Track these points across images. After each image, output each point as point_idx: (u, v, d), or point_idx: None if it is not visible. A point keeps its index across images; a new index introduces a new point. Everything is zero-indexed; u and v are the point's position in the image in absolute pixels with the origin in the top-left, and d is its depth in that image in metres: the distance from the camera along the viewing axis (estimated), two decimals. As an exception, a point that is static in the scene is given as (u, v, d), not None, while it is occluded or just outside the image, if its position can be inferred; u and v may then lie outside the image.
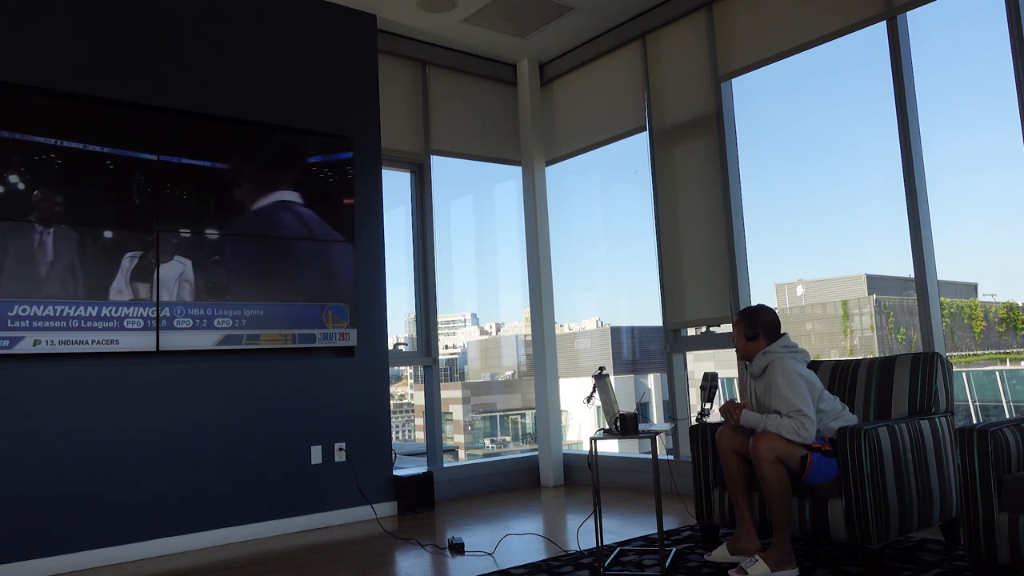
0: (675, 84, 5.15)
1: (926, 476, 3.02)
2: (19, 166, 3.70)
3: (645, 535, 3.77)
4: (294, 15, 4.73)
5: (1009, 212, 4.05)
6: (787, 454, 2.93)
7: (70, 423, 3.76)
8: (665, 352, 5.11)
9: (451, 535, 3.98)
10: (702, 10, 4.95)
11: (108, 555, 3.78)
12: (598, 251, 6.43)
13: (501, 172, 6.15)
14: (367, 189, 4.88)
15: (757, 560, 2.90)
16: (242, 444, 4.23)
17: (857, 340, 6.40)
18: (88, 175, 3.87)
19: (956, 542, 3.22)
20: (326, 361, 4.60)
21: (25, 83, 3.80)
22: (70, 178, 3.82)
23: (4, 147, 3.66)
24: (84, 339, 3.76)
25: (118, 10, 4.14)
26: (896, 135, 4.01)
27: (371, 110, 4.98)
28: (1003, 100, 3.67)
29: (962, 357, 5.70)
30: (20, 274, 3.64)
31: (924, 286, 3.90)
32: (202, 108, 4.31)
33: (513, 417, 7.12)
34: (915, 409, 3.22)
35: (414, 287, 5.45)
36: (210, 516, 4.09)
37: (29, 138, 3.73)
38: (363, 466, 4.62)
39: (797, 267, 5.80)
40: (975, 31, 4.15)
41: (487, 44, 5.62)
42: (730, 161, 4.78)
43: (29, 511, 3.61)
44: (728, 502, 3.32)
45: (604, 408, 3.25)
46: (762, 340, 3.20)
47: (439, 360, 5.40)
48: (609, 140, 5.64)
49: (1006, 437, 2.60)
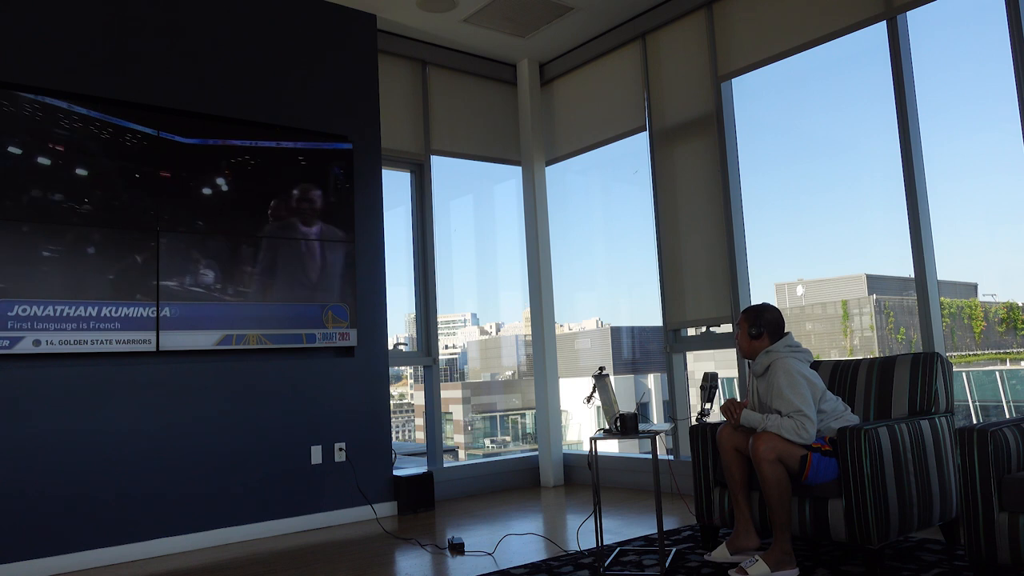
0: (675, 84, 5.15)
1: (926, 476, 3.02)
2: (19, 165, 3.70)
3: (645, 535, 3.77)
4: (294, 15, 4.73)
5: (1009, 212, 4.05)
6: (787, 454, 2.93)
7: (70, 423, 3.76)
8: (665, 352, 5.11)
9: (451, 535, 3.98)
10: (702, 10, 4.95)
11: (108, 555, 3.78)
12: (598, 251, 6.43)
13: (501, 172, 6.15)
14: (367, 189, 4.88)
15: (757, 560, 2.90)
16: (242, 444, 4.23)
17: (857, 340, 6.40)
18: (88, 174, 3.87)
19: (956, 542, 3.22)
20: (326, 361, 4.60)
21: (25, 83, 3.80)
22: (70, 177, 3.82)
23: (4, 146, 3.66)
24: (84, 339, 3.76)
25: (118, 10, 4.14)
26: (896, 135, 4.01)
27: (371, 110, 4.98)
28: (1003, 100, 3.67)
29: (962, 357, 5.70)
30: (20, 274, 3.64)
31: (924, 286, 3.90)
32: (202, 108, 4.31)
33: (513, 417, 7.12)
34: (915, 409, 3.22)
35: (414, 287, 5.45)
36: (210, 516, 4.09)
37: (29, 137, 3.73)
38: (363, 466, 4.62)
39: (797, 267, 5.80)
40: (975, 31, 4.15)
41: (487, 44, 5.62)
42: (730, 161, 4.78)
43: (29, 511, 3.61)
44: (728, 502, 3.32)
45: (604, 408, 3.25)
46: (765, 339, 3.20)
47: (439, 360, 5.40)
48: (609, 140, 5.64)
49: (1006, 437, 2.60)
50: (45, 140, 3.78)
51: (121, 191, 3.96)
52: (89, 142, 3.90)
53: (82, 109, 3.89)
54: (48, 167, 3.77)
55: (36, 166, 3.74)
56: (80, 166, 3.86)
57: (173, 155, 4.13)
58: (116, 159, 3.96)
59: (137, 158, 4.02)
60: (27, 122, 3.74)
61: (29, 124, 3.74)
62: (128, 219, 3.96)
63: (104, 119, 3.95)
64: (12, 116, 3.70)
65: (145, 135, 4.06)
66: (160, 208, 4.06)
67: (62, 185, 3.80)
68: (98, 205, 3.88)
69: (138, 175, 4.02)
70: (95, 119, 3.93)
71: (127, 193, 3.97)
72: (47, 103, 3.81)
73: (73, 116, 3.87)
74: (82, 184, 3.85)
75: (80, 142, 3.87)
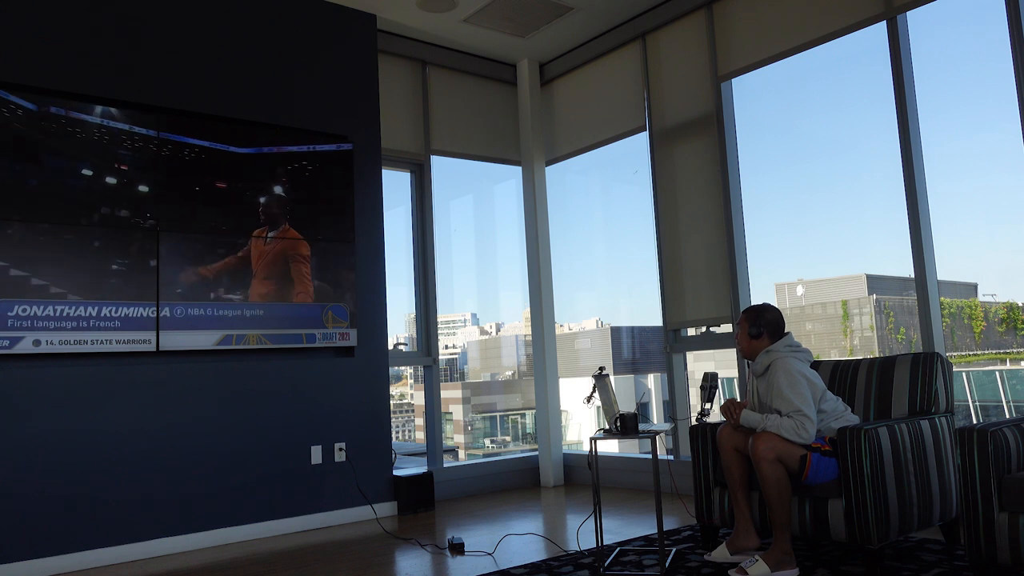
0: (675, 84, 5.15)
1: (926, 476, 3.02)
2: (19, 165, 3.70)
3: (645, 535, 3.77)
4: (294, 15, 4.73)
5: (1009, 212, 4.05)
6: (786, 454, 2.93)
7: (70, 423, 3.76)
8: (665, 352, 5.11)
9: (451, 535, 3.98)
10: (702, 10, 4.95)
11: (108, 555, 3.78)
12: (598, 251, 6.43)
13: (501, 172, 6.15)
14: (367, 189, 4.88)
15: (757, 560, 2.90)
16: (242, 444, 4.23)
17: (857, 340, 6.40)
18: (88, 174, 3.87)
19: (956, 542, 3.22)
20: (326, 361, 4.60)
21: (26, 83, 3.80)
22: (70, 177, 3.82)
23: (5, 146, 3.66)
24: (84, 339, 3.76)
25: (117, 10, 4.13)
26: (896, 135, 4.01)
27: (371, 110, 4.98)
28: (1003, 100, 3.67)
29: (962, 357, 5.70)
30: (20, 274, 3.64)
31: (924, 286, 3.90)
32: (202, 108, 4.31)
33: (513, 417, 7.12)
34: (915, 409, 3.22)
35: (414, 287, 5.45)
36: (210, 516, 4.09)
37: (29, 137, 3.73)
38: (363, 466, 4.62)
39: (797, 267, 5.80)
40: (975, 31, 4.15)
41: (487, 44, 5.62)
42: (730, 161, 4.78)
43: (29, 511, 3.61)
44: (728, 502, 3.32)
45: (604, 408, 3.25)
46: (766, 339, 3.20)
47: (439, 360, 5.40)
48: (609, 140, 5.64)
49: (1006, 437, 2.60)
50: (46, 139, 3.78)
51: (121, 190, 3.95)
52: (89, 142, 3.89)
53: (83, 116, 3.89)
54: (48, 167, 3.77)
55: (36, 165, 3.74)
56: (80, 165, 3.85)
57: (173, 155, 4.13)
58: (116, 159, 3.96)
59: (137, 158, 4.02)
60: (20, 123, 3.74)
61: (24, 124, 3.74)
62: (128, 219, 3.96)
63: (105, 124, 3.95)
64: (12, 114, 3.70)
65: (145, 135, 4.06)
66: (160, 207, 4.05)
67: (63, 185, 3.79)
68: (98, 204, 3.88)
69: (138, 175, 4.01)
70: (94, 124, 3.92)
71: (127, 192, 3.97)
72: (45, 102, 3.81)
73: (72, 117, 3.86)
74: (82, 183, 3.85)
75: (79, 142, 3.87)
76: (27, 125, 3.73)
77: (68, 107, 3.85)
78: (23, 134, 3.71)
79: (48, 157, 3.78)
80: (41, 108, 3.77)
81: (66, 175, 3.82)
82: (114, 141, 3.96)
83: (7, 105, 3.68)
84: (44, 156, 3.77)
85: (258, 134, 4.43)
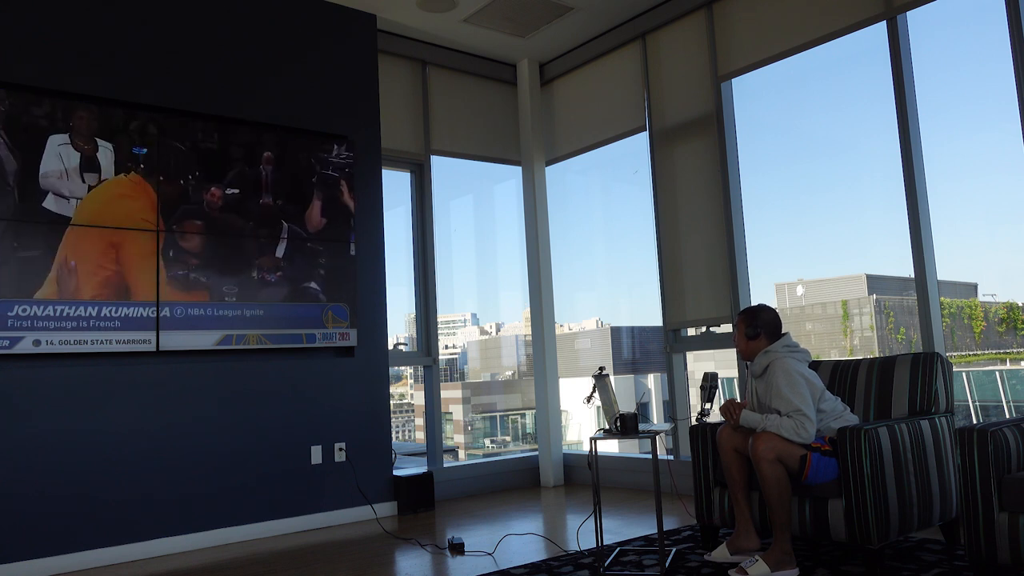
0: (675, 84, 5.15)
1: (926, 476, 3.02)
2: (19, 165, 3.70)
3: (645, 535, 3.77)
4: (294, 15, 4.73)
5: (1009, 212, 4.05)
6: (786, 454, 2.93)
7: (70, 423, 3.76)
8: (665, 352, 5.11)
9: (451, 535, 3.98)
10: (702, 10, 4.95)
11: (108, 555, 3.78)
12: (598, 251, 6.44)
13: (501, 172, 6.15)
14: (367, 189, 4.88)
15: (757, 560, 2.90)
16: (242, 444, 4.23)
17: (857, 340, 6.40)
18: (87, 173, 3.87)
19: (956, 542, 3.22)
20: (326, 361, 4.60)
21: (25, 83, 3.80)
22: (69, 177, 3.82)
23: (5, 146, 3.66)
24: (84, 339, 3.76)
25: (117, 9, 4.13)
26: (896, 135, 4.01)
27: (371, 110, 4.98)
28: (1003, 100, 3.67)
29: (962, 357, 5.70)
30: (20, 274, 3.64)
31: (924, 286, 3.90)
32: (202, 108, 4.31)
33: (513, 417, 7.12)
34: (915, 409, 3.22)
35: (414, 287, 5.45)
36: (210, 516, 4.09)
37: (28, 135, 3.73)
38: (363, 466, 4.62)
39: (797, 267, 5.81)
40: (975, 31, 4.15)
41: (487, 44, 5.62)
42: (730, 161, 4.78)
43: (29, 511, 3.61)
44: (728, 502, 3.32)
45: (604, 408, 3.25)
46: (763, 340, 3.20)
47: (439, 360, 5.40)
48: (609, 140, 5.64)
49: (1006, 437, 2.60)
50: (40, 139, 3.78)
51: (121, 190, 3.95)
52: (90, 140, 3.89)
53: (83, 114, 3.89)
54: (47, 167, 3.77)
55: (34, 166, 3.74)
56: (80, 164, 3.85)
57: (173, 156, 4.13)
58: (116, 158, 3.96)
59: (137, 159, 4.02)
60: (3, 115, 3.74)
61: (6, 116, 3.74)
62: (128, 219, 3.95)
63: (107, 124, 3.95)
64: (11, 113, 3.70)
65: (146, 135, 4.06)
66: (160, 207, 4.05)
67: (62, 185, 3.79)
68: (98, 204, 3.88)
69: (138, 173, 4.01)
70: (95, 115, 3.93)
71: (127, 192, 3.97)
72: (45, 102, 3.81)
73: (73, 113, 3.86)
74: (82, 183, 3.85)
75: (80, 139, 3.87)
76: (31, 119, 3.73)
77: (71, 104, 3.85)
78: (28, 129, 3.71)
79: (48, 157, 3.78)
80: (41, 106, 3.77)
81: (65, 176, 3.81)
82: (114, 141, 3.96)
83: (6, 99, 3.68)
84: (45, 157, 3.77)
85: (258, 134, 4.43)
